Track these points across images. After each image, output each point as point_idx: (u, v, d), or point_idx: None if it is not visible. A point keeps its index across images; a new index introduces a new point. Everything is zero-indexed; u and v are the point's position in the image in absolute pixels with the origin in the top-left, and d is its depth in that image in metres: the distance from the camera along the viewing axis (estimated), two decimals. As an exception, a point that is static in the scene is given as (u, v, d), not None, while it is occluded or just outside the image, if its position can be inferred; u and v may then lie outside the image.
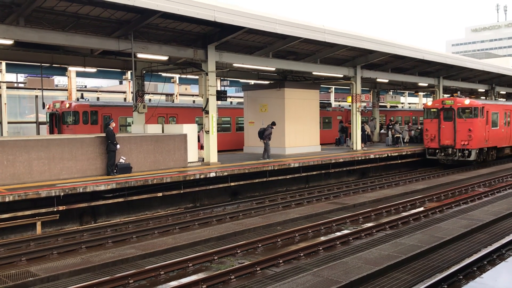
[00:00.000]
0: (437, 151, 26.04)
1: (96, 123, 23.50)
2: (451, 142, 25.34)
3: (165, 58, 18.34)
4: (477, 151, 25.16)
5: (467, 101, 25.32)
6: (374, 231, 12.32)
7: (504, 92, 42.19)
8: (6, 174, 13.42)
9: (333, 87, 44.14)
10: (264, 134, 21.06)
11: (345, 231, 12.39)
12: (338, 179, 22.48)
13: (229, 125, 28.68)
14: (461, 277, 8.32)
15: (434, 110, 26.16)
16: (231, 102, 40.01)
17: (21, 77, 42.97)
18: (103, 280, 8.52)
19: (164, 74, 25.46)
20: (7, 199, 11.97)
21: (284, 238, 11.76)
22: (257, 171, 18.28)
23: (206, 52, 18.36)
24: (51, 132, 24.21)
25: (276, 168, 19.02)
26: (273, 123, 21.46)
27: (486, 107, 25.90)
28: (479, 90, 38.96)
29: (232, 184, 17.52)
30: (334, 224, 13.14)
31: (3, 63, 28.10)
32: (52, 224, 13.26)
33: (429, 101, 27.69)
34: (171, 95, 38.46)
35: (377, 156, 24.07)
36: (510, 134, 29.09)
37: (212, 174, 16.66)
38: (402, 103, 49.24)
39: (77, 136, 15.84)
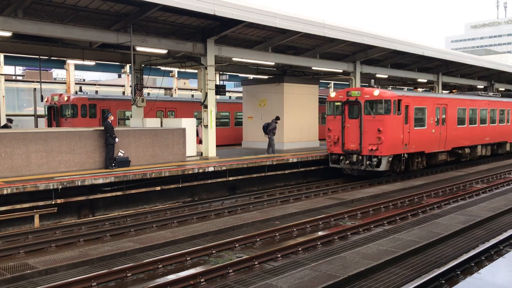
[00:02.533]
0: (341, 157, 19.97)
1: (95, 117, 23.46)
2: (357, 146, 19.27)
3: (164, 51, 18.29)
4: (390, 159, 19.01)
5: (376, 92, 18.93)
6: (372, 226, 12.34)
7: (503, 89, 42.19)
8: (4, 167, 13.39)
9: (332, 82, 44.07)
10: (268, 129, 21.08)
11: (343, 226, 12.39)
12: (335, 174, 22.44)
13: (228, 120, 28.66)
14: (458, 272, 8.33)
15: (338, 103, 19.99)
16: (230, 97, 40.03)
17: (19, 70, 42.84)
18: (101, 273, 8.51)
19: (163, 68, 25.41)
20: (5, 192, 11.95)
21: (282, 232, 11.76)
22: (255, 165, 18.28)
23: (205, 46, 18.30)
24: (50, 125, 24.16)
25: (274, 163, 19.02)
26: (277, 118, 21.47)
27: (405, 100, 19.57)
28: (478, 86, 38.96)
29: (231, 178, 17.51)
30: (332, 219, 13.16)
31: (1, 55, 27.98)
32: (50, 217, 13.25)
33: (332, 92, 21.24)
34: (170, 89, 38.39)
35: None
36: (445, 136, 22.49)
37: (211, 169, 16.65)
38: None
39: (75, 129, 15.80)
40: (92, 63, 23.75)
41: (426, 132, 21.09)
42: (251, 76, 29.14)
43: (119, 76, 45.58)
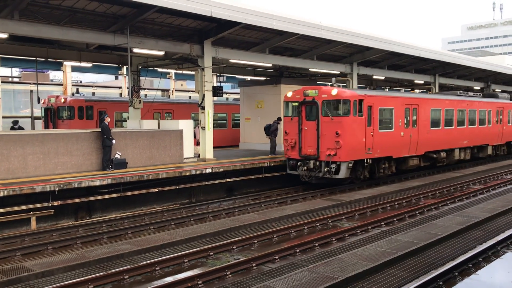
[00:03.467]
0: (298, 163, 18.18)
1: (92, 118, 23.42)
2: (314, 151, 17.51)
3: (161, 53, 18.27)
4: (350, 165, 17.21)
5: (334, 91, 17.17)
6: (370, 227, 12.34)
7: (500, 90, 42.31)
8: (1, 169, 13.35)
9: (330, 83, 44.10)
10: (270, 130, 21.06)
11: (341, 228, 12.39)
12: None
13: (225, 121, 28.64)
14: (456, 273, 8.33)
15: (295, 104, 18.26)
16: (227, 98, 39.99)
17: (16, 72, 42.74)
18: (98, 276, 8.48)
19: (160, 70, 25.41)
20: (1, 194, 11.91)
21: (280, 234, 11.75)
22: (253, 167, 18.26)
23: (203, 48, 18.30)
24: (46, 127, 24.11)
25: (272, 164, 19.00)
26: (279, 119, 21.41)
27: (368, 100, 17.78)
28: (475, 87, 39.07)
29: (228, 180, 17.49)
30: (330, 221, 13.16)
31: (-2, 57, 27.90)
32: (47, 219, 13.20)
33: (289, 92, 18.98)
34: (167, 90, 38.34)
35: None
36: (417, 139, 20.66)
37: (208, 170, 16.63)
38: None
39: (72, 131, 15.76)
40: (89, 64, 23.71)
41: (394, 135, 19.27)
42: (248, 78, 29.13)
43: (116, 78, 45.52)
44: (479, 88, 39.56)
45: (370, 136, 17.85)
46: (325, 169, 17.23)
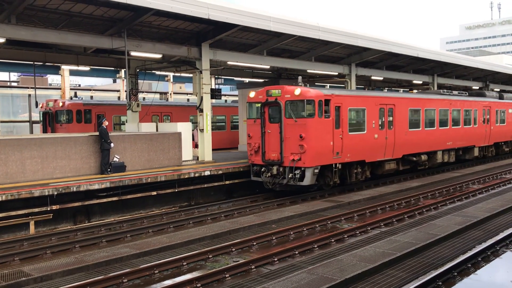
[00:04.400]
0: (262, 169, 16.83)
1: (90, 122, 23.41)
2: (278, 156, 16.22)
3: (159, 56, 18.26)
4: (316, 171, 15.88)
5: (297, 91, 15.77)
6: (369, 228, 12.33)
7: (498, 90, 42.35)
8: (-1, 174, 13.33)
9: (328, 85, 44.16)
10: None
11: (340, 229, 12.37)
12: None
13: (223, 124, 28.63)
14: (455, 274, 8.32)
15: (258, 105, 16.91)
16: (225, 101, 39.99)
17: (14, 76, 42.74)
18: (97, 280, 8.46)
19: (158, 73, 25.43)
20: (0, 199, 11.87)
21: (279, 236, 11.74)
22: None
23: (200, 50, 18.30)
24: (45, 131, 24.10)
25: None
26: None
27: (336, 100, 16.46)
28: (473, 87, 39.12)
29: (227, 182, 17.47)
30: (329, 222, 13.14)
31: (-4, 61, 27.91)
32: (46, 224, 13.18)
33: (251, 92, 17.47)
34: (165, 93, 38.35)
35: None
36: (393, 142, 19.22)
37: (207, 173, 16.61)
38: None
39: (70, 135, 15.74)
40: (87, 68, 23.69)
41: (366, 137, 17.90)
42: (246, 80, 29.15)
43: (114, 81, 45.55)
44: (477, 87, 39.62)
45: (338, 139, 16.52)
46: (289, 176, 15.88)
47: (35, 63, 20.95)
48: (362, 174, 18.27)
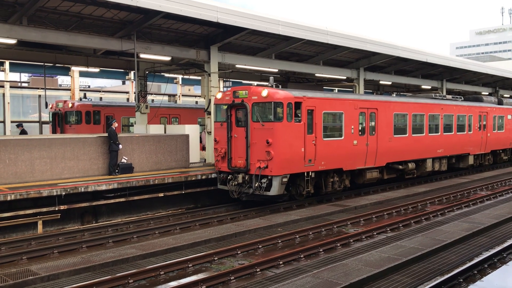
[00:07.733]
0: (229, 177, 15.67)
1: (99, 123, 23.56)
2: (244, 163, 15.02)
3: (167, 58, 18.38)
4: (285, 180, 14.68)
5: (264, 92, 14.48)
6: (375, 233, 12.30)
7: (508, 96, 42.09)
8: (8, 173, 13.46)
9: (336, 89, 44.13)
10: None
11: (346, 233, 12.36)
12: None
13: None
14: (461, 280, 8.30)
15: (225, 107, 15.64)
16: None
17: (24, 77, 43.09)
18: (103, 280, 8.53)
19: (167, 75, 25.52)
20: (8, 198, 12.01)
21: (285, 239, 11.75)
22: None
23: (209, 53, 18.38)
24: (54, 131, 24.28)
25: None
26: None
27: (308, 103, 15.23)
28: (483, 93, 38.88)
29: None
30: (335, 226, 13.13)
31: (7, 62, 28.16)
32: (53, 223, 13.29)
33: (219, 93, 16.38)
34: (174, 95, 38.50)
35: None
36: (375, 149, 17.94)
37: (214, 175, 16.65)
38: None
39: (79, 136, 15.86)
40: (97, 70, 23.90)
41: (344, 144, 16.57)
42: (254, 83, 29.19)
43: (123, 83, 45.81)
44: (487, 93, 39.39)
45: (311, 145, 15.23)
46: (256, 185, 14.61)
47: (46, 64, 21.16)
48: (340, 183, 17.09)
